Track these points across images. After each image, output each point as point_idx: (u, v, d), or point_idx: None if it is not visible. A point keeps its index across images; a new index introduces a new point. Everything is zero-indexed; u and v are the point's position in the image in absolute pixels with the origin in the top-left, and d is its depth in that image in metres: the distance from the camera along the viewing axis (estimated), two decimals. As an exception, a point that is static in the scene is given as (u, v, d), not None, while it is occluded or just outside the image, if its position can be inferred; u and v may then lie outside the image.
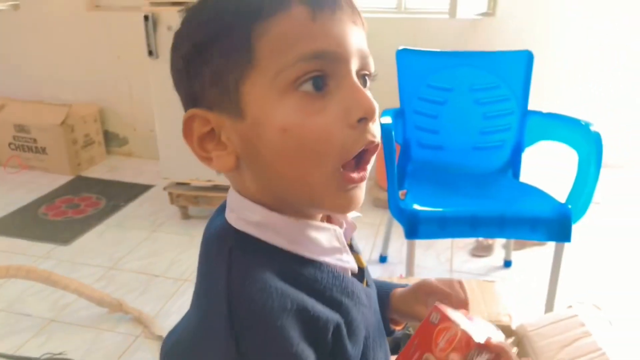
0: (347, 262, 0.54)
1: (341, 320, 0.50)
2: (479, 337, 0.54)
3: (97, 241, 2.26)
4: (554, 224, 1.49)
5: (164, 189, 2.40)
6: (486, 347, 0.54)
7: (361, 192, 0.50)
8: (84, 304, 1.80)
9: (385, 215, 2.27)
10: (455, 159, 1.87)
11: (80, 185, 2.76)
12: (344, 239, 0.54)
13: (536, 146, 1.81)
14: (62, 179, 2.80)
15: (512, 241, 2.06)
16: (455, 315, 0.57)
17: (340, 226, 0.56)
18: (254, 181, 0.50)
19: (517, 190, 1.71)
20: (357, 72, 0.49)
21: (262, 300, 0.45)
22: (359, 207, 0.51)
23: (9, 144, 2.89)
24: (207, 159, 0.50)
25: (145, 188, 2.72)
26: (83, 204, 2.56)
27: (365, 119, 0.47)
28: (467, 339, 0.54)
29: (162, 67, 2.19)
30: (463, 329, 0.55)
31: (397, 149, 1.79)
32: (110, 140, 3.12)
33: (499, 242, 2.17)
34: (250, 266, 0.48)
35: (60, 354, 1.59)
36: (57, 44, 2.95)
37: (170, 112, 2.26)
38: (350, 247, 0.58)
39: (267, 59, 0.45)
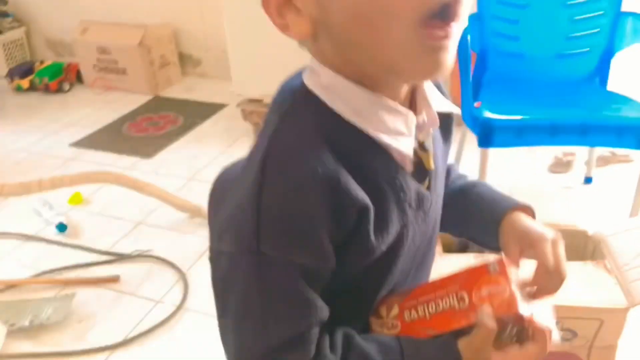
0: (404, 146, 0.50)
1: (371, 207, 0.48)
2: (525, 308, 0.51)
3: (176, 155, 2.38)
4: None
5: (237, 105, 2.46)
6: (526, 321, 0.51)
7: (447, 54, 0.46)
8: (167, 209, 1.93)
9: (458, 134, 2.21)
10: (536, 68, 1.76)
11: (159, 104, 2.88)
12: (413, 127, 0.51)
13: (627, 51, 1.67)
14: (142, 99, 2.93)
15: (595, 157, 1.95)
16: (515, 277, 0.53)
17: (419, 116, 0.53)
18: (333, 51, 0.49)
19: (604, 98, 1.60)
20: None
21: (294, 153, 0.47)
22: (446, 72, 0.47)
23: (94, 66, 3.04)
24: (285, 27, 0.48)
25: (219, 107, 2.80)
26: (162, 121, 2.68)
27: None
28: (511, 302, 0.51)
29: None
30: (512, 290, 0.51)
31: (473, 57, 1.71)
32: (185, 61, 3.20)
33: (579, 159, 2.06)
34: (303, 123, 0.49)
35: (147, 251, 1.74)
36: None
37: (242, 29, 2.26)
38: (422, 145, 0.55)
39: None
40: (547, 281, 0.56)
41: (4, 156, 2.44)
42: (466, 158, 2.06)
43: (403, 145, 0.51)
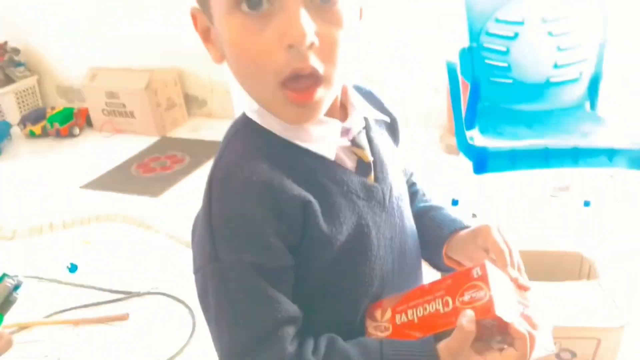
0: (327, 150, 0.57)
1: (314, 201, 0.54)
2: (504, 313, 0.52)
3: (183, 193, 2.44)
4: (636, 153, 1.42)
5: (241, 143, 2.53)
6: (504, 325, 0.52)
7: (309, 111, 0.54)
8: (175, 247, 1.97)
9: (458, 163, 2.25)
10: (528, 95, 1.81)
11: (166, 144, 2.96)
12: (336, 132, 0.58)
13: (615, 75, 1.72)
14: (150, 140, 3.01)
15: (593, 180, 1.97)
16: (497, 281, 0.55)
17: (343, 121, 0.59)
18: (235, 75, 0.56)
19: (595, 122, 1.64)
20: None
21: (233, 169, 0.54)
22: (312, 121, 0.55)
23: (103, 110, 3.14)
24: (208, 48, 0.57)
25: (224, 145, 2.87)
26: (169, 161, 2.75)
27: (293, 46, 0.49)
28: (489, 306, 0.52)
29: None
30: (492, 294, 0.52)
31: (467, 87, 1.76)
32: (191, 102, 3.29)
33: (578, 183, 2.09)
34: (243, 144, 0.57)
35: (156, 288, 1.77)
36: (139, 14, 3.13)
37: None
38: (354, 142, 0.61)
39: None
40: (503, 259, 0.60)
41: (17, 199, 2.51)
42: (464, 184, 2.09)
43: (327, 149, 0.58)
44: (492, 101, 1.82)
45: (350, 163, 0.60)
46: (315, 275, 0.57)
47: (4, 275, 1.06)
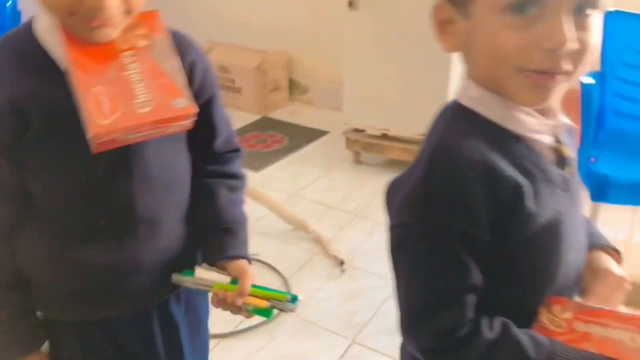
0: (542, 137, 0.62)
1: (524, 184, 0.59)
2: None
3: (281, 172, 2.54)
4: None
5: (343, 133, 2.60)
6: None
7: (545, 94, 0.58)
8: (273, 219, 2.07)
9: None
10: (654, 131, 1.77)
11: (266, 124, 3.09)
12: (547, 127, 0.63)
13: None
14: (252, 117, 3.14)
15: None
16: None
17: (550, 120, 0.64)
18: (473, 67, 0.63)
19: None
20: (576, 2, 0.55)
21: (455, 146, 0.59)
22: (546, 102, 0.60)
23: (212, 82, 3.31)
24: (441, 37, 0.62)
25: (322, 133, 2.96)
26: (269, 140, 2.87)
27: (553, 49, 0.55)
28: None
29: (359, 19, 2.35)
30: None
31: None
32: (293, 87, 3.41)
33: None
34: (461, 127, 0.62)
35: (255, 255, 1.87)
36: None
37: (359, 62, 2.43)
38: (557, 139, 0.66)
39: None
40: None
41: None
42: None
43: (542, 137, 0.63)
44: (616, 131, 1.79)
45: (550, 157, 0.65)
46: (508, 255, 0.61)
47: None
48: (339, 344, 1.55)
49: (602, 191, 1.51)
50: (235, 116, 3.14)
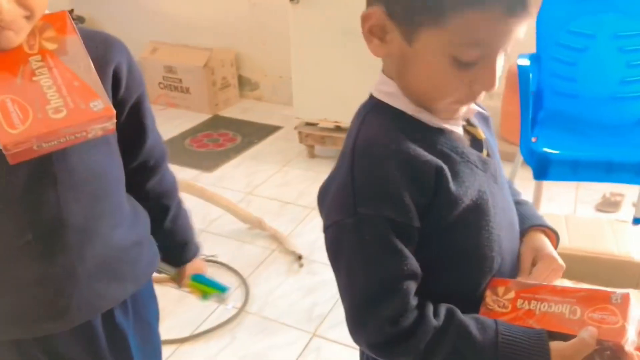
0: (455, 128, 0.66)
1: (444, 166, 0.61)
2: (630, 345, 0.57)
3: (235, 170, 2.52)
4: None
5: (295, 128, 2.59)
6: (619, 352, 0.57)
7: (461, 110, 0.66)
8: (229, 219, 2.05)
9: (508, 169, 2.29)
10: (591, 109, 1.83)
11: (218, 122, 3.05)
12: (459, 116, 0.67)
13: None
14: (202, 117, 3.10)
15: (644, 199, 1.99)
16: (633, 315, 0.59)
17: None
18: (397, 75, 0.65)
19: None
20: None
21: (374, 139, 0.62)
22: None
23: (159, 84, 3.24)
24: (368, 40, 0.63)
25: (275, 128, 2.94)
26: (222, 138, 2.84)
27: (482, 92, 0.61)
28: (619, 333, 0.57)
29: (302, 12, 2.34)
30: (627, 327, 0.58)
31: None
32: (243, 84, 3.38)
33: (628, 199, 2.11)
34: (378, 120, 0.65)
35: (213, 256, 1.85)
36: (202, -7, 3.21)
37: (306, 56, 2.42)
38: (469, 122, 0.70)
39: (455, 32, 0.56)
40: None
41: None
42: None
43: (455, 127, 0.66)
44: (555, 111, 1.85)
45: (466, 141, 0.68)
46: (440, 239, 0.63)
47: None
48: (300, 338, 1.56)
49: (544, 169, 1.56)
50: (186, 116, 3.13)
